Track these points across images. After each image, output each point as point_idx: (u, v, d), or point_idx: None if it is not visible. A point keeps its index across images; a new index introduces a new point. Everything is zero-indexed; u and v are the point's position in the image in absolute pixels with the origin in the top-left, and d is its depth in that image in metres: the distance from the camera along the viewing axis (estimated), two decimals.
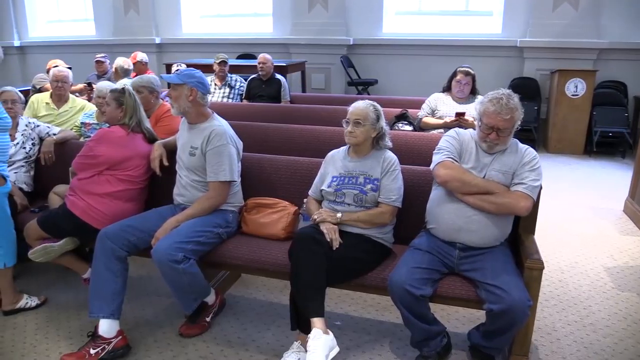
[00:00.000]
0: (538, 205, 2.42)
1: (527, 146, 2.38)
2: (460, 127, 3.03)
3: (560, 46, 6.51)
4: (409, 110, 4.20)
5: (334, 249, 2.31)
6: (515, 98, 2.29)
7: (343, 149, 2.62)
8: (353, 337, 2.66)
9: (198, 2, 8.49)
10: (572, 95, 6.23)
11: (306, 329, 2.23)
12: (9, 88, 3.37)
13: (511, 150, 2.34)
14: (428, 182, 2.55)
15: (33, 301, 2.97)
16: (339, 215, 2.42)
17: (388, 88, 7.35)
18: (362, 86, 7.36)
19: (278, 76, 5.54)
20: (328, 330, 2.17)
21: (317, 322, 2.16)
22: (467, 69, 4.02)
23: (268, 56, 5.50)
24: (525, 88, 6.45)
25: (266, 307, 2.95)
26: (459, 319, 2.79)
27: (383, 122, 2.51)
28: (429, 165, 2.47)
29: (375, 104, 2.53)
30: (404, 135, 3.52)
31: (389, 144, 2.55)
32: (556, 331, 2.69)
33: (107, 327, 2.46)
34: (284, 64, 6.44)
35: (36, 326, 2.80)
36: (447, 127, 3.77)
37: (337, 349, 2.16)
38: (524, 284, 2.14)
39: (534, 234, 2.49)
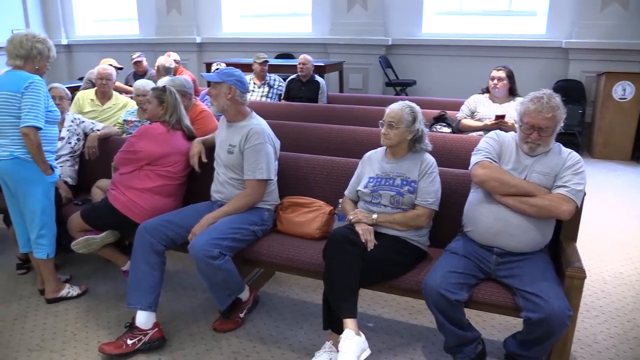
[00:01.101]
0: (581, 211, 2.33)
1: (570, 150, 2.30)
2: (500, 130, 2.96)
3: (607, 47, 6.28)
4: (448, 111, 4.15)
5: (369, 250, 2.29)
6: (557, 97, 2.23)
7: (380, 149, 2.60)
8: (385, 339, 2.64)
9: (238, 2, 8.60)
10: (620, 98, 6.01)
11: (338, 329, 2.23)
12: (57, 85, 3.50)
13: (554, 153, 2.27)
14: (466, 185, 2.51)
15: (74, 291, 3.07)
16: (374, 216, 2.41)
17: (427, 89, 7.26)
18: (400, 87, 7.30)
19: (317, 78, 5.55)
20: (360, 331, 2.16)
21: (349, 323, 2.16)
22: (501, 66, 3.92)
23: (309, 57, 5.51)
24: (570, 90, 6.25)
25: (299, 305, 2.96)
26: (494, 326, 2.73)
27: (420, 124, 2.47)
28: (467, 168, 2.43)
29: (412, 105, 2.50)
30: (442, 137, 3.46)
31: (428, 146, 2.51)
32: (597, 343, 2.60)
33: (144, 319, 2.53)
34: (322, 64, 6.45)
35: (76, 315, 2.90)
36: (486, 129, 3.70)
37: (368, 351, 2.15)
38: (564, 293, 2.07)
39: (575, 241, 2.40)
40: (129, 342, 2.49)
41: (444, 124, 4.02)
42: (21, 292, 3.16)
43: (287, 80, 5.62)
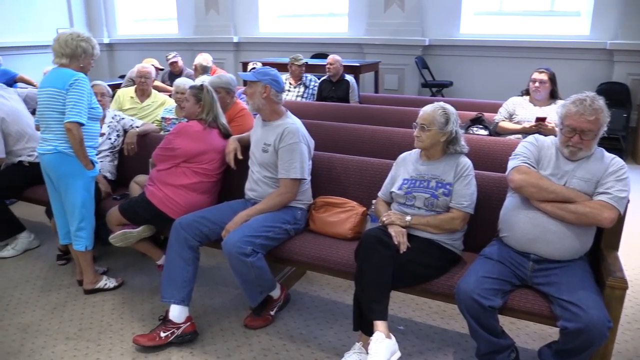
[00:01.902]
0: (624, 219, 2.25)
1: (613, 155, 2.22)
2: (540, 133, 2.88)
3: None
4: (485, 114, 4.06)
5: (401, 252, 2.27)
6: (600, 100, 2.16)
7: (415, 151, 2.57)
8: (416, 343, 2.61)
9: (275, 2, 8.66)
10: None
11: (368, 331, 2.21)
12: (99, 82, 3.61)
13: (596, 158, 2.20)
14: (502, 190, 2.45)
15: (111, 282, 3.16)
16: (408, 218, 2.38)
17: (464, 90, 7.15)
18: (437, 88, 7.20)
19: (347, 77, 5.53)
20: (390, 334, 2.14)
21: (379, 325, 2.14)
22: (543, 68, 3.82)
23: (337, 57, 5.50)
24: (614, 93, 6.02)
25: (330, 305, 2.96)
26: (529, 334, 2.66)
27: (454, 126, 2.41)
28: (504, 172, 2.38)
29: (446, 107, 2.45)
30: (478, 140, 3.40)
31: (464, 148, 2.47)
32: (638, 357, 2.50)
33: (177, 313, 2.57)
34: (358, 64, 6.42)
35: (112, 306, 2.98)
36: (525, 132, 3.61)
37: (398, 354, 2.13)
38: (604, 304, 2.00)
39: (617, 250, 2.32)
40: (162, 334, 2.55)
41: (481, 126, 3.94)
42: (60, 282, 3.27)
43: (319, 82, 5.63)
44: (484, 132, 3.89)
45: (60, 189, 2.93)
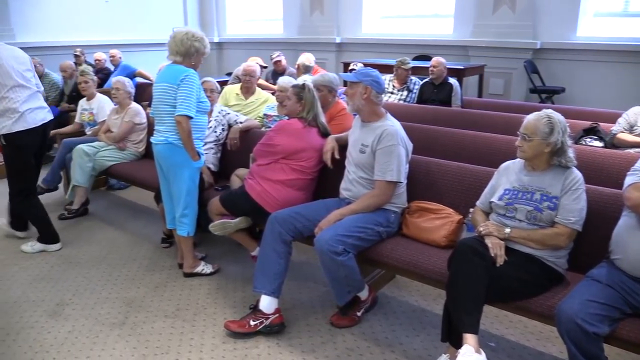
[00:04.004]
0: None
1: None
2: None
3: None
4: (601, 124, 3.76)
5: (498, 265, 2.16)
6: None
7: (519, 160, 2.43)
8: None
9: (380, 3, 8.63)
10: None
11: (457, 343, 2.14)
12: (209, 78, 3.82)
13: None
14: (616, 207, 2.25)
15: (208, 268, 3.33)
16: (507, 230, 2.26)
17: (577, 98, 6.64)
18: (546, 94, 6.76)
19: (450, 80, 5.37)
20: (480, 349, 2.05)
21: (469, 339, 2.06)
22: None
23: (441, 59, 5.35)
24: None
25: (418, 312, 2.90)
26: None
27: (559, 136, 2.22)
28: (619, 188, 2.18)
29: (552, 115, 2.26)
30: (592, 152, 3.15)
31: (572, 162, 2.27)
32: None
33: (267, 303, 2.66)
34: (462, 67, 6.22)
35: (208, 291, 3.14)
36: None
37: None
38: None
39: None
40: (252, 323, 2.64)
41: (595, 137, 3.65)
42: (163, 264, 3.51)
43: (421, 84, 5.52)
44: (599, 143, 3.60)
45: (169, 177, 3.14)
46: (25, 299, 3.06)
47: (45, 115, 3.51)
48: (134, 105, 4.54)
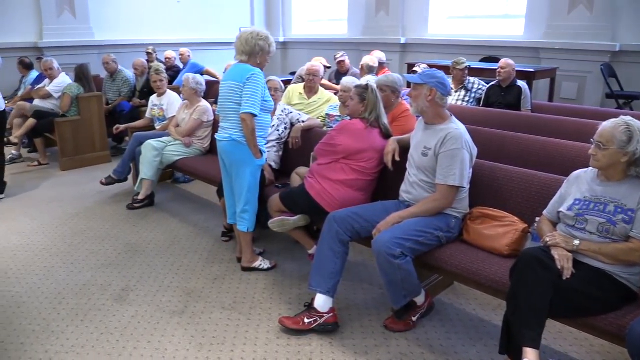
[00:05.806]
0: None
1: None
2: None
3: None
4: None
5: (564, 278, 2.06)
6: None
7: (592, 169, 2.30)
8: None
9: (447, 3, 8.45)
10: None
11: (517, 357, 2.06)
12: (274, 77, 3.89)
13: None
14: None
15: (266, 264, 3.39)
16: (576, 242, 2.15)
17: None
18: (625, 100, 6.37)
19: (519, 83, 5.16)
20: None
21: (529, 353, 1.99)
22: None
23: (510, 61, 5.16)
24: None
25: (475, 322, 2.82)
26: None
27: (639, 145, 2.08)
28: None
29: (631, 122, 2.11)
30: None
31: None
32: None
33: (322, 302, 2.67)
34: (532, 70, 5.98)
35: (264, 286, 3.19)
36: None
37: None
38: None
39: None
40: (306, 320, 2.66)
41: None
42: (222, 257, 3.60)
43: (487, 88, 5.35)
44: None
45: (231, 174, 3.22)
46: (94, 283, 3.24)
47: None
48: (204, 103, 4.69)
